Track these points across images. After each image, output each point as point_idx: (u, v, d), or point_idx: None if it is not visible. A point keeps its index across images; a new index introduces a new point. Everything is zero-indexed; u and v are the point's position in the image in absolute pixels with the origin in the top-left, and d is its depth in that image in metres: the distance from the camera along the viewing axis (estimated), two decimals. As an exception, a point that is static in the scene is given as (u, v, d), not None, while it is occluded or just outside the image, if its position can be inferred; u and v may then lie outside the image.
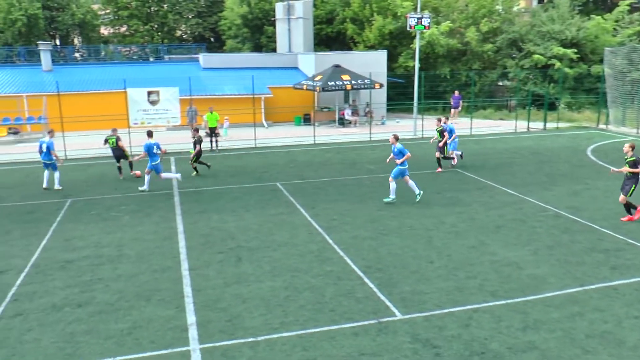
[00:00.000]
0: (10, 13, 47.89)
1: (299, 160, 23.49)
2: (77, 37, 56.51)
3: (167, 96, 26.06)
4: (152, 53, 51.97)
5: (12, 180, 20.90)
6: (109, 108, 28.22)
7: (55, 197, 18.04)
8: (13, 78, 35.71)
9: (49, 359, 8.54)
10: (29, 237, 14.19)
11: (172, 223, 15.07)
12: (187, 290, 10.82)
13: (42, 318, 9.83)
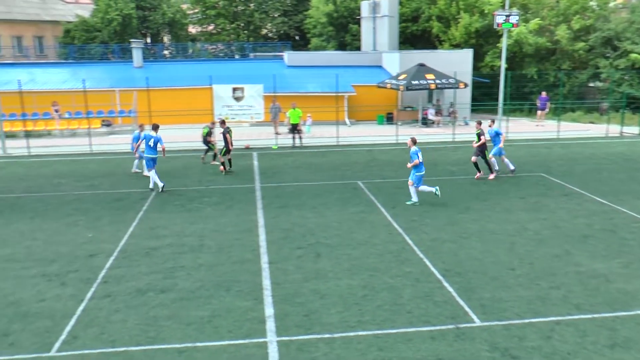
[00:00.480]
0: (107, 13, 50.55)
1: (380, 159, 23.34)
2: (167, 35, 58.82)
3: (251, 93, 26.58)
4: (237, 51, 53.24)
5: (104, 169, 22.04)
6: (195, 103, 29.17)
7: (142, 186, 18.81)
8: (107, 74, 37.67)
9: (134, 339, 8.91)
10: (117, 223, 14.89)
11: (252, 216, 15.35)
12: (266, 283, 10.97)
13: (128, 301, 10.28)
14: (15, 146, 26.85)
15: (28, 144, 26.34)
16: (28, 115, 30.92)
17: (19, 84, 27.95)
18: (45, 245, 13.44)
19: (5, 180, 20.52)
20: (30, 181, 20.35)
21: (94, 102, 30.56)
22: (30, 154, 25.69)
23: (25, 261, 12.42)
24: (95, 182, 19.82)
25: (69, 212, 16.15)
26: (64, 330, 9.27)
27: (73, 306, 10.14)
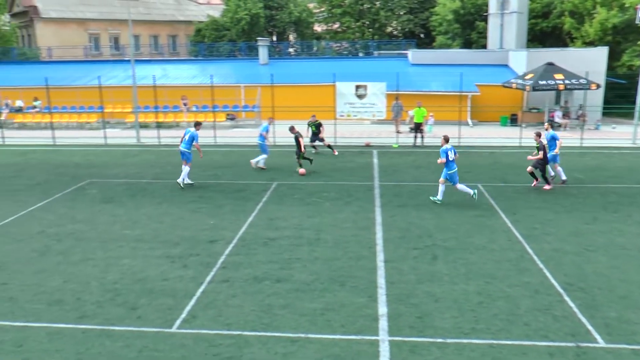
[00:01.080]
0: (236, 13, 52.75)
1: (502, 162, 22.29)
2: (293, 33, 60.28)
3: (374, 90, 26.43)
4: (361, 49, 53.41)
5: (227, 160, 22.93)
6: (317, 100, 29.53)
7: (262, 179, 19.29)
8: (234, 70, 39.28)
9: (249, 325, 9.09)
10: (237, 212, 15.36)
11: (370, 214, 15.19)
12: (381, 281, 10.77)
13: (245, 287, 10.53)
14: (148, 136, 28.69)
15: (159, 134, 28.08)
16: (160, 108, 32.95)
17: (153, 79, 29.85)
18: (170, 228, 14.15)
19: (137, 167, 21.95)
20: (159, 168, 21.61)
21: (220, 96, 31.97)
22: (160, 143, 27.33)
23: (152, 242, 13.15)
24: (219, 172, 20.63)
25: (194, 199, 16.92)
26: (184, 310, 9.67)
27: (193, 288, 10.55)
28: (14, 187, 19.22)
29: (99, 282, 11.02)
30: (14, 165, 23.25)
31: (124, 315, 9.57)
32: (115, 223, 14.79)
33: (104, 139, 28.21)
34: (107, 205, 16.60)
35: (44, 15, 56.81)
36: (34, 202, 16.99)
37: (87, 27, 59.66)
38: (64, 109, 35.51)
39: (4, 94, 36.47)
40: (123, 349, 8.49)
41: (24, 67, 43.90)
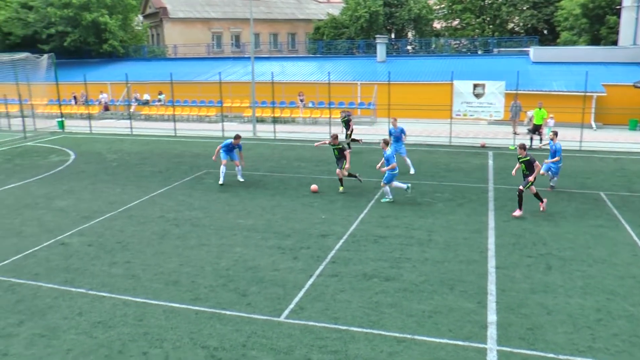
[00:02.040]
0: (356, 10, 53.04)
1: (629, 169, 20.68)
2: (411, 31, 59.59)
3: (492, 90, 25.53)
4: (481, 46, 51.75)
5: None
6: (433, 98, 29.04)
7: (375, 177, 19.22)
8: (351, 68, 39.48)
9: (356, 321, 9.12)
10: (349, 209, 15.46)
11: (483, 217, 14.71)
12: (491, 287, 10.39)
13: (354, 283, 10.57)
14: (264, 130, 29.64)
15: (274, 128, 28.87)
16: (276, 103, 33.90)
17: (271, 75, 30.75)
18: (282, 220, 14.52)
19: (253, 160, 22.72)
20: (274, 162, 22.24)
21: (336, 93, 32.30)
22: (275, 137, 28.11)
23: (264, 232, 13.57)
24: (332, 167, 20.82)
25: (306, 193, 17.23)
26: (293, 300, 9.88)
27: (302, 280, 10.76)
28: (139, 173, 20.67)
29: (213, 267, 11.55)
30: (139, 153, 24.98)
31: (235, 300, 9.96)
32: (230, 212, 15.42)
33: (221, 131, 29.49)
34: (223, 194, 17.34)
35: (172, 16, 60.36)
36: (155, 189, 18.16)
37: (211, 26, 62.59)
38: (186, 102, 37.60)
39: (133, 88, 39.20)
40: (233, 333, 8.83)
41: (151, 64, 46.96)
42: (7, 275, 11.49)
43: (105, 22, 46.40)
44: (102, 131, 32.34)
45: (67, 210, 16.05)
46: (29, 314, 9.74)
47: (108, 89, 41.92)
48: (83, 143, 28.36)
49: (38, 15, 46.52)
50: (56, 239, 13.59)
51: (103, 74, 43.89)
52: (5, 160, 24.13)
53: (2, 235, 14.01)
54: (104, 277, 11.22)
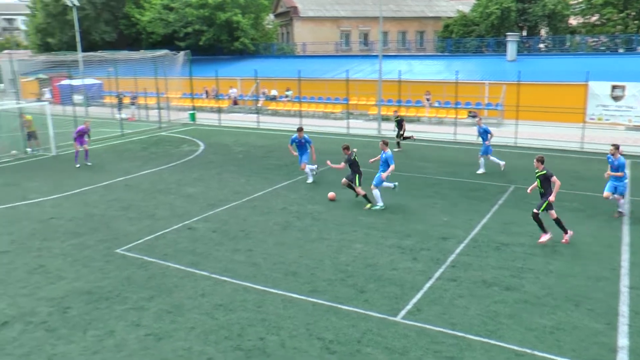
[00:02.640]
0: (487, 7, 51.36)
1: None
2: (545, 27, 56.63)
3: (634, 92, 23.74)
4: (623, 44, 48.03)
5: (465, 158, 22.69)
6: (565, 100, 27.57)
7: (500, 180, 18.69)
8: (479, 66, 38.42)
9: (473, 329, 8.98)
10: (471, 212, 15.17)
11: (617, 232, 13.77)
12: (623, 309, 9.73)
13: (473, 289, 10.41)
14: (389, 128, 29.51)
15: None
16: (402, 102, 33.77)
17: (398, 73, 30.69)
18: (403, 220, 14.56)
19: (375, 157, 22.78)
20: (398, 161, 22.08)
21: (463, 93, 31.59)
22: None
23: (384, 231, 13.69)
24: (456, 169, 20.52)
25: (429, 194, 17.13)
26: (410, 301, 9.93)
27: (421, 281, 10.76)
28: (264, 166, 21.64)
29: (332, 261, 11.86)
30: (265, 147, 26.07)
31: (352, 296, 10.18)
32: (351, 208, 15.69)
33: (346, 128, 29.92)
34: (345, 190, 17.63)
35: (302, 15, 62.01)
36: (279, 181, 18.91)
37: (340, 25, 63.53)
38: (312, 99, 38.50)
39: (262, 84, 40.81)
40: (348, 328, 9.05)
41: (280, 61, 48.63)
42: (140, 253, 12.60)
43: (238, 21, 48.77)
44: (230, 124, 34.07)
45: (195, 197, 17.20)
46: (158, 291, 10.63)
47: (238, 84, 44.05)
48: (212, 135, 30.08)
49: (177, 15, 49.94)
50: (184, 223, 14.62)
51: (233, 70, 46.19)
52: (142, 148, 26.24)
53: (137, 217, 15.34)
54: (226, 263, 11.92)
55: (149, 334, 9.03)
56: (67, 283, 11.08)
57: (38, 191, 18.47)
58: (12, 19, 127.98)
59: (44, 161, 23.74)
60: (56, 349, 8.67)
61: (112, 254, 12.63)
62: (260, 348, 8.54)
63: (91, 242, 13.42)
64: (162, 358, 8.34)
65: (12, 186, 19.30)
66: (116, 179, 19.99)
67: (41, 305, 10.13)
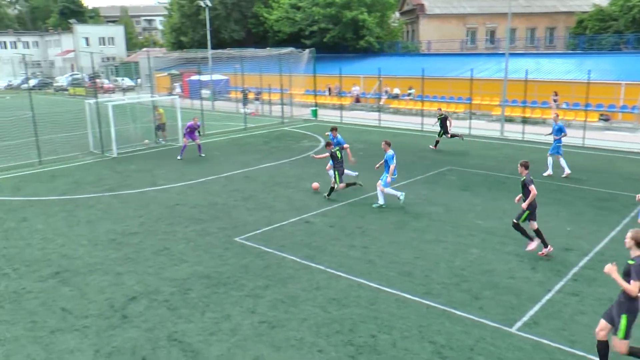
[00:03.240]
0: (628, 0, 47.64)
1: None
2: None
3: None
4: None
5: (593, 165, 21.30)
6: None
7: (633, 190, 17.33)
8: (615, 65, 35.77)
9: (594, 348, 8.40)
10: (599, 223, 14.26)
11: None
12: None
13: (596, 306, 9.77)
14: (512, 130, 28.57)
15: (523, 129, 27.63)
16: (528, 103, 32.32)
17: (525, 72, 29.39)
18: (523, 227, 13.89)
19: (497, 160, 22.15)
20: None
21: (595, 94, 29.65)
22: (523, 139, 26.90)
23: (503, 237, 13.23)
24: (582, 176, 19.32)
25: (550, 201, 16.29)
26: (527, 313, 9.55)
27: (539, 293, 10.31)
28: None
29: (447, 264, 11.68)
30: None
31: (467, 302, 9.97)
32: (470, 212, 15.33)
33: (468, 129, 29.18)
34: (464, 193, 17.28)
35: (428, 12, 61.13)
36: (398, 180, 18.70)
37: (466, 22, 61.94)
38: (435, 98, 37.89)
39: (385, 82, 40.78)
40: (461, 334, 8.89)
41: (404, 59, 48.28)
42: (258, 243, 13.13)
43: (364, 20, 49.09)
44: (351, 121, 34.41)
45: (314, 192, 17.58)
46: (273, 280, 11.03)
47: (360, 82, 44.35)
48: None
49: (304, 14, 51.18)
50: (301, 216, 15.03)
51: (357, 68, 46.56)
52: (263, 142, 27.26)
53: (256, 208, 16.00)
54: (341, 258, 12.11)
55: (263, 321, 9.43)
56: (188, 266, 11.83)
57: (165, 178, 19.86)
58: (151, 20, 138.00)
59: (172, 151, 25.40)
60: (177, 326, 9.31)
61: (231, 241, 13.30)
62: (371, 345, 8.62)
63: (212, 229, 14.21)
64: (274, 345, 8.68)
65: (144, 172, 20.93)
66: (237, 170, 20.97)
67: (165, 285, 10.91)
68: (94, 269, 11.80)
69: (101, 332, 9.16)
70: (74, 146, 26.01)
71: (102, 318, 9.64)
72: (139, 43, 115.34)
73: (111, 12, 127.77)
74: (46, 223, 15.07)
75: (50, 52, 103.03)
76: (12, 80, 77.60)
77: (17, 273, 11.72)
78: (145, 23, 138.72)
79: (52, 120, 30.27)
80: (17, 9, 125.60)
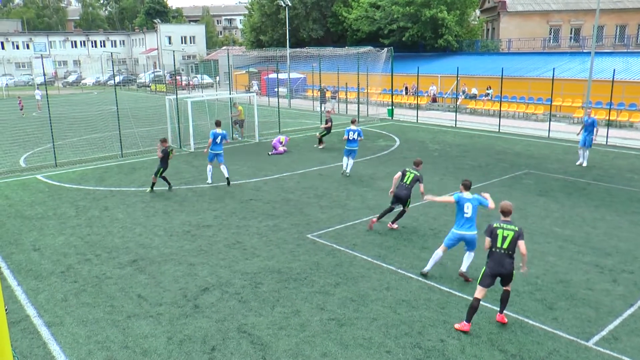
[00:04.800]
0: None
1: None
2: None
3: None
4: None
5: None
6: None
7: None
8: None
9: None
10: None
11: None
12: None
13: (683, 323, 9.21)
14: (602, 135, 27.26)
15: (608, 133, 26.34)
16: (614, 105, 30.77)
17: (612, 73, 27.99)
18: (604, 236, 13.36)
19: (577, 165, 21.20)
20: (602, 170, 20.41)
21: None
22: (607, 143, 25.65)
23: (581, 246, 12.70)
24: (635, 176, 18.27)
25: (635, 209, 15.48)
26: (606, 327, 9.12)
27: (620, 306, 9.83)
28: (459, 165, 21.26)
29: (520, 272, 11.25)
30: (461, 146, 25.58)
31: (540, 311, 9.64)
32: (547, 218, 14.81)
33: (547, 131, 28.16)
34: (541, 198, 16.70)
35: (510, 9, 59.28)
36: (473, 182, 18.26)
37: (550, 19, 59.62)
38: (514, 98, 36.79)
39: (462, 82, 39.98)
40: (533, 344, 8.61)
41: (483, 58, 47.13)
42: (330, 240, 13.22)
43: (443, 18, 48.31)
44: (427, 121, 33.98)
45: (388, 191, 17.38)
46: (344, 278, 11.08)
47: (438, 81, 43.68)
48: (408, 131, 30.28)
49: (384, 13, 50.92)
50: (375, 216, 14.98)
51: (435, 67, 45.89)
52: (338, 140, 27.31)
53: (330, 206, 16.09)
54: (413, 259, 12.01)
55: (332, 318, 9.50)
56: (260, 260, 12.09)
57: (241, 173, 20.32)
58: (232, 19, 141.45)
59: (249, 147, 25.97)
60: (247, 319, 9.54)
61: (303, 238, 13.47)
62: (440, 350, 8.52)
63: (285, 225, 14.45)
64: (342, 343, 8.73)
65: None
66: (312, 167, 21.19)
67: (236, 278, 11.20)
68: (168, 259, 12.28)
69: (174, 320, 9.53)
70: (154, 140, 27.11)
71: (176, 306, 10.02)
72: (219, 42, 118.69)
73: (193, 12, 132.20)
74: (126, 212, 15.82)
75: (135, 50, 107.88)
76: (100, 77, 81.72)
77: (99, 259, 12.37)
78: (225, 22, 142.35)
79: (134, 114, 31.66)
80: (108, 10, 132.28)
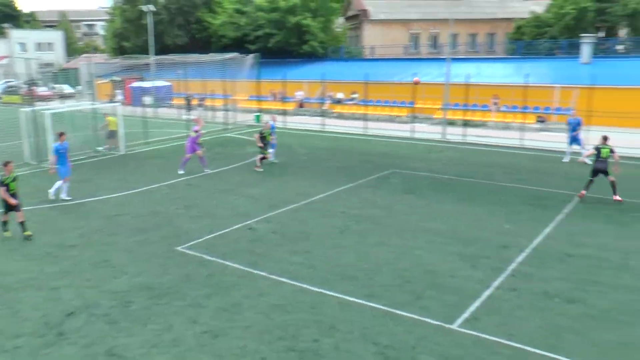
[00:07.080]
0: (562, 8, 49.53)
1: None
2: (624, 28, 54.02)
3: None
4: None
5: (530, 165, 22.08)
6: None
7: (566, 188, 18.01)
8: (551, 70, 37.14)
9: (533, 341, 8.69)
10: (535, 221, 14.70)
11: (694, 244, 12.99)
12: (699, 325, 9.16)
13: (533, 301, 10.07)
14: (453, 133, 29.18)
15: (464, 132, 28.28)
16: (469, 106, 33.09)
17: (466, 77, 30.11)
18: (465, 227, 14.27)
19: (440, 162, 22.58)
20: (463, 166, 21.85)
21: (532, 97, 30.66)
22: (465, 141, 27.53)
23: (446, 238, 13.46)
24: (521, 176, 19.95)
25: (492, 201, 16.73)
26: (468, 310, 9.72)
27: (479, 290, 10.53)
28: (326, 169, 21.74)
29: (390, 266, 11.75)
30: (328, 149, 26.21)
31: (410, 302, 10.06)
32: (414, 214, 15.53)
33: (410, 132, 29.64)
34: (407, 195, 17.49)
35: (373, 18, 61.87)
36: (340, 184, 18.90)
37: (410, 27, 63.00)
38: (378, 102, 38.38)
39: (329, 87, 41.01)
40: (404, 334, 8.96)
41: (348, 64, 48.74)
42: (201, 251, 12.89)
43: (308, 25, 49.25)
44: (295, 126, 34.39)
45: (257, 198, 17.46)
46: (216, 289, 10.84)
47: (304, 87, 44.44)
48: (276, 137, 30.44)
49: (249, 19, 50.96)
50: (245, 223, 14.85)
51: (301, 73, 46.64)
52: (206, 149, 26.84)
53: (198, 216, 15.72)
54: (284, 264, 12.02)
55: (206, 331, 9.25)
56: (129, 278, 11.50)
57: (107, 187, 19.26)
58: (92, 25, 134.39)
59: (114, 159, 24.76)
60: (117, 340, 9.01)
61: (173, 250, 13.01)
62: (314, 350, 8.59)
63: (154, 238, 13.88)
64: (217, 355, 8.52)
65: (84, 182, 20.13)
66: (180, 178, 20.60)
67: (104, 298, 10.55)
68: (27, 285, 11.26)
69: (35, 352, 8.73)
70: (7, 156, 24.95)
71: (36, 336, 9.19)
72: (79, 49, 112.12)
73: (49, 17, 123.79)
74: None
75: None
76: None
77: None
78: (85, 28, 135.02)
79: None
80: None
